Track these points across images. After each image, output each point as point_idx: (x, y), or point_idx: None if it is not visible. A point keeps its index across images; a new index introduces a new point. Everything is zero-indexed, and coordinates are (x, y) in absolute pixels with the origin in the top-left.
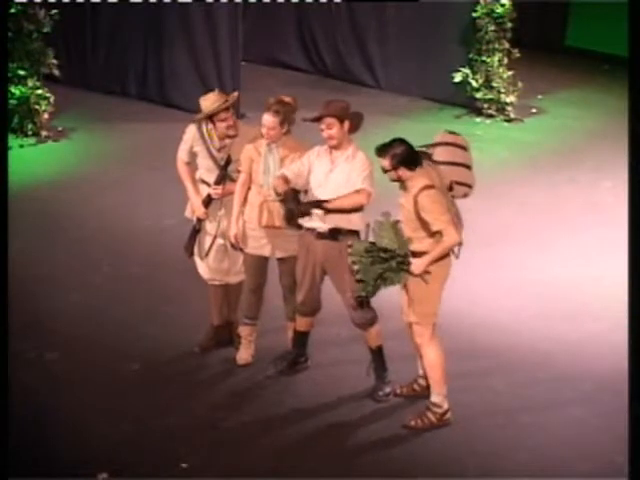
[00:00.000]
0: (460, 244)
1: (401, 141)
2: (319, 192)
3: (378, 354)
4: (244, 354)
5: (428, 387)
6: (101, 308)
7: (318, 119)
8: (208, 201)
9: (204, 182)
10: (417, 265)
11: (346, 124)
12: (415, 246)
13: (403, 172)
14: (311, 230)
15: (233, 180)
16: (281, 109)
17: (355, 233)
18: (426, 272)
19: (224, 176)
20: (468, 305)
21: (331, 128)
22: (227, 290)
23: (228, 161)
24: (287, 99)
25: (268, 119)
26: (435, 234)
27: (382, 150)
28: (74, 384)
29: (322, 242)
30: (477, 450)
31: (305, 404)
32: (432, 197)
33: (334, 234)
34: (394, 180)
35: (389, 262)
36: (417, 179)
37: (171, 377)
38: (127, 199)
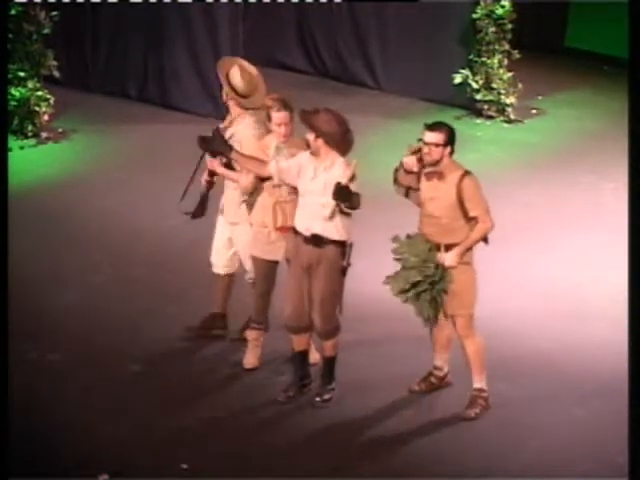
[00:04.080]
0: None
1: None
2: (302, 200)
3: (330, 363)
4: (251, 358)
5: (444, 378)
6: (102, 309)
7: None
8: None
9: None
10: (451, 257)
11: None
12: (453, 237)
13: (447, 154)
14: (300, 233)
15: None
16: (287, 103)
17: (339, 243)
18: (464, 262)
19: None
20: None
21: (316, 140)
22: (231, 280)
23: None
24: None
25: (282, 115)
26: (471, 221)
27: (437, 125)
28: (74, 385)
29: (308, 246)
30: (479, 450)
31: (314, 406)
32: (475, 183)
33: (316, 240)
34: (432, 164)
35: (429, 288)
36: (453, 165)
37: (173, 379)
38: (127, 200)
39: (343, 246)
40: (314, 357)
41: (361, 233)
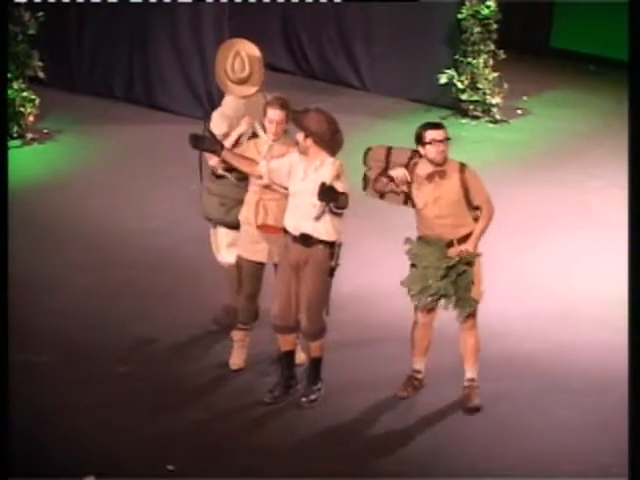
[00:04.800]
0: None
1: None
2: (293, 201)
3: (316, 364)
4: (237, 359)
5: (422, 381)
6: (88, 310)
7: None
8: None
9: None
10: (472, 245)
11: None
12: (463, 229)
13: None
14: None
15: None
16: (285, 103)
17: (328, 243)
18: (475, 254)
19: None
20: None
21: (305, 140)
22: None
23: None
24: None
25: (277, 113)
26: (475, 210)
27: (436, 123)
28: (61, 387)
29: (296, 246)
30: (467, 450)
31: (300, 406)
32: (474, 171)
33: (305, 240)
34: (439, 163)
35: (456, 279)
36: (450, 161)
37: (160, 380)
38: (113, 201)
39: (332, 246)
40: (300, 357)
41: (349, 233)
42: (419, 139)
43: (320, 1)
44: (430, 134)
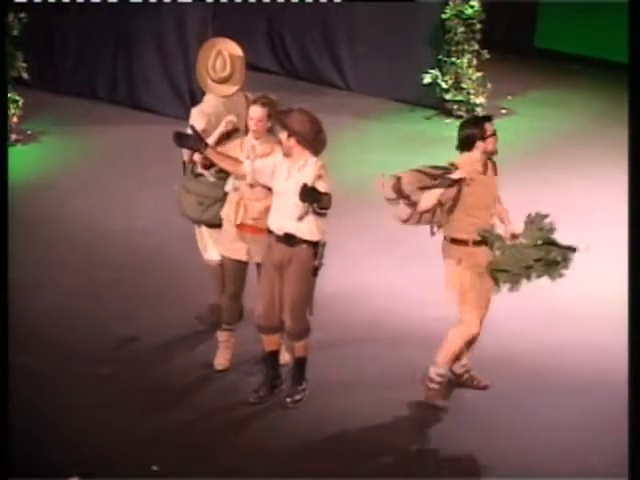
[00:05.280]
0: None
1: None
2: (277, 201)
3: (300, 364)
4: (222, 359)
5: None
6: (74, 310)
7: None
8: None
9: None
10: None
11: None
12: (496, 215)
13: None
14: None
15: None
16: (268, 102)
17: (311, 243)
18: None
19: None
20: (440, 309)
21: (288, 139)
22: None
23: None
24: (272, 96)
25: (257, 110)
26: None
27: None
28: (47, 387)
29: (279, 245)
30: (455, 451)
31: (284, 406)
32: None
33: (289, 240)
34: (491, 153)
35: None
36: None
37: (145, 380)
38: (99, 202)
39: (315, 246)
40: (285, 357)
41: (332, 233)
42: (481, 134)
43: (305, 1)
44: (489, 127)
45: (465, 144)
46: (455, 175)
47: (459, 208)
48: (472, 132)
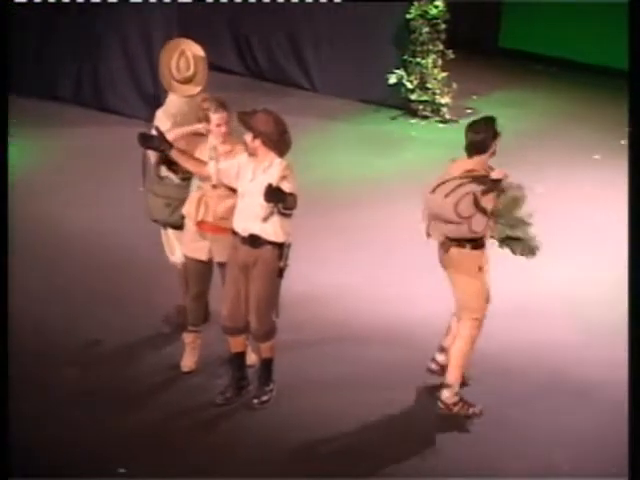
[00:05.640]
0: None
1: None
2: (242, 202)
3: (267, 365)
4: (188, 361)
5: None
6: (37, 312)
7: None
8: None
9: None
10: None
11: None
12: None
13: None
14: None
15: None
16: (226, 103)
17: (276, 244)
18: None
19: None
20: (411, 308)
21: (254, 141)
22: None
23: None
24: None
25: (222, 116)
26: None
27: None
28: (14, 389)
29: (245, 247)
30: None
31: (251, 407)
32: None
33: (253, 241)
34: (494, 154)
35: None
36: None
37: (110, 382)
38: (62, 204)
39: (280, 247)
40: (251, 359)
41: (298, 234)
42: (494, 136)
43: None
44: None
45: (480, 148)
46: (496, 176)
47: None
48: (487, 135)
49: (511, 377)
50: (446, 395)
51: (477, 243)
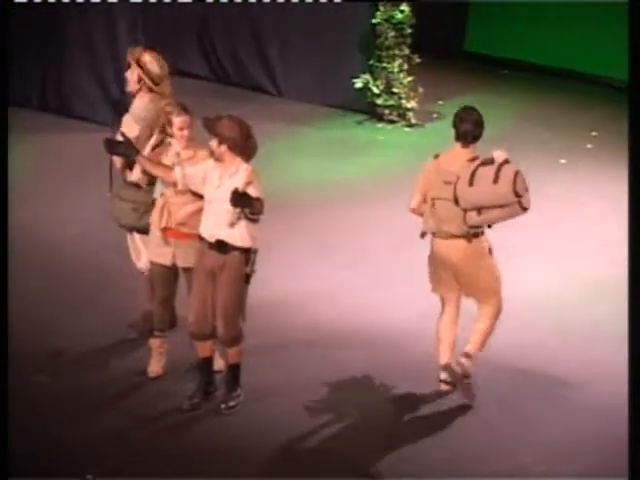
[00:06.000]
0: None
1: None
2: (209, 208)
3: (234, 371)
4: (155, 366)
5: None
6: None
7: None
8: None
9: None
10: None
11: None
12: None
13: None
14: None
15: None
16: (188, 108)
17: (243, 250)
18: None
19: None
20: (379, 311)
21: (219, 146)
22: None
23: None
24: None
25: (185, 120)
26: None
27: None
28: None
29: (211, 252)
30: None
31: (219, 412)
32: None
33: (220, 247)
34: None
35: None
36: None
37: (78, 389)
38: (27, 211)
39: (247, 253)
40: (219, 364)
41: (266, 238)
42: None
43: (235, 7)
44: None
45: (478, 135)
46: (503, 157)
47: None
48: (482, 123)
49: (500, 377)
50: (466, 362)
51: (480, 229)
